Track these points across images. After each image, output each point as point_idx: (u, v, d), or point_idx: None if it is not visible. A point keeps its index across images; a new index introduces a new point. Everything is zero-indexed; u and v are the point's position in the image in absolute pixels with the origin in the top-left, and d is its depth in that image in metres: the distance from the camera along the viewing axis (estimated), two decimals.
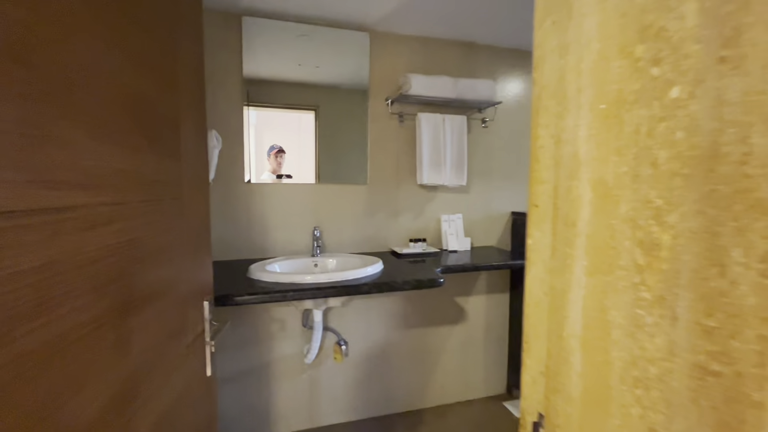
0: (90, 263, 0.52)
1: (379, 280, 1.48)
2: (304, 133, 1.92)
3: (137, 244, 0.64)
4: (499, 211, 2.29)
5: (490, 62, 2.18)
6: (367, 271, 1.53)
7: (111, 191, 0.57)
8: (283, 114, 1.89)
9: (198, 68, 0.93)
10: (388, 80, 1.99)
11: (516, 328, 2.28)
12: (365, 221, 2.00)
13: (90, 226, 0.52)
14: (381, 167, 2.01)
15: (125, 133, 0.61)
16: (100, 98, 0.55)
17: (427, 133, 1.97)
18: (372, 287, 1.40)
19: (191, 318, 0.86)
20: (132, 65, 0.63)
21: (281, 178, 1.86)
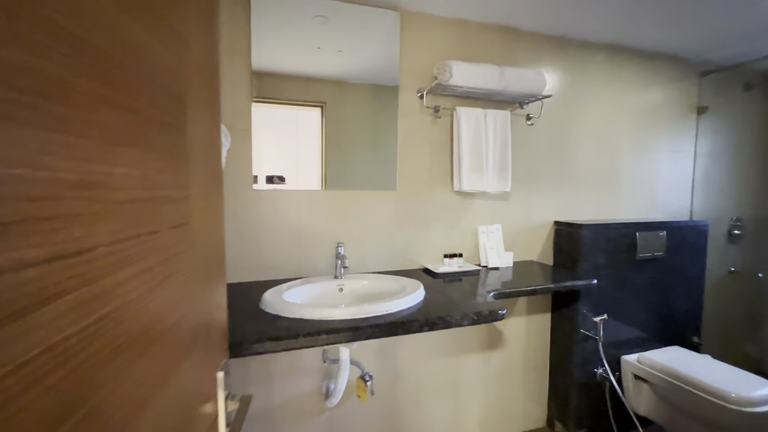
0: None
1: (425, 311, 1.18)
2: (317, 131, 1.61)
3: (111, 326, 0.34)
4: (541, 221, 2.01)
5: (534, 51, 1.90)
6: (409, 301, 1.23)
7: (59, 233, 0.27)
8: (292, 111, 1.58)
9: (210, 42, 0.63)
10: (421, 69, 1.70)
11: (557, 354, 2.00)
12: (394, 233, 1.71)
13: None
14: (412, 170, 1.72)
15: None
16: None
17: (468, 131, 1.68)
18: (423, 324, 1.11)
19: (196, 409, 0.56)
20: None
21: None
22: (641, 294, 2.05)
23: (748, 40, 2.08)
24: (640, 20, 1.83)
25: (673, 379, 1.77)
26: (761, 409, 1.54)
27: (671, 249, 2.09)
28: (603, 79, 2.08)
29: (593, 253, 1.89)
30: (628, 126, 2.17)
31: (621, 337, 2.02)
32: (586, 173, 2.09)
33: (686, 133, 2.36)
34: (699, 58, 2.32)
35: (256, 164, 1.50)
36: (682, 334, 2.21)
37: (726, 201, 2.54)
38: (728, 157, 2.52)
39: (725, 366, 1.83)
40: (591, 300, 1.91)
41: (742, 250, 2.62)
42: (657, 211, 2.32)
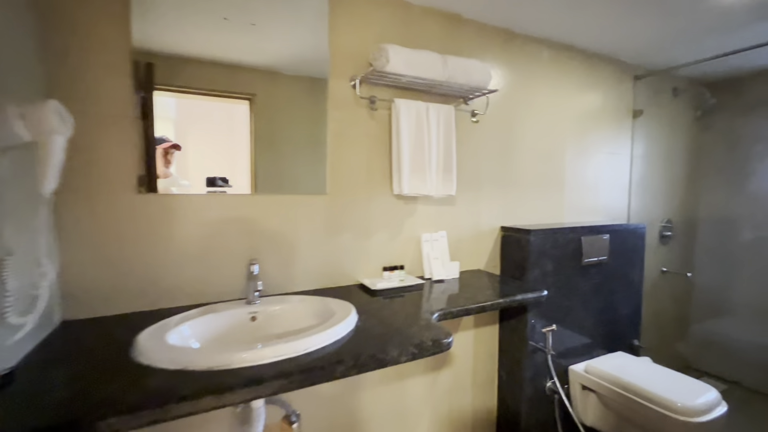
0: None
1: (354, 346, 0.95)
2: (235, 128, 1.33)
3: None
4: (488, 227, 1.87)
5: (479, 42, 1.76)
6: (335, 333, 0.98)
7: None
8: (208, 103, 1.29)
9: None
10: (355, 54, 1.46)
11: (506, 368, 1.87)
12: (325, 245, 1.46)
13: None
14: (346, 171, 1.48)
15: None
16: None
17: (408, 126, 1.48)
18: (351, 367, 0.87)
19: None
20: None
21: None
22: (588, 300, 1.99)
23: (674, 46, 2.11)
24: (581, 18, 1.75)
25: (618, 389, 1.70)
26: (706, 419, 1.50)
27: (613, 253, 2.05)
28: (548, 78, 2.00)
29: (541, 260, 1.79)
30: (572, 127, 2.12)
31: (569, 346, 1.94)
32: (532, 175, 1.99)
33: (623, 136, 2.38)
34: (633, 61, 2.34)
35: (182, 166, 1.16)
36: (625, 338, 2.20)
37: (658, 203, 2.60)
38: (660, 161, 2.59)
39: (666, 371, 1.80)
40: (540, 310, 1.80)
41: (672, 250, 2.71)
42: (599, 214, 2.30)
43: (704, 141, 2.81)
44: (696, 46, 2.09)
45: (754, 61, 2.33)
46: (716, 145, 2.76)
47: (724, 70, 2.50)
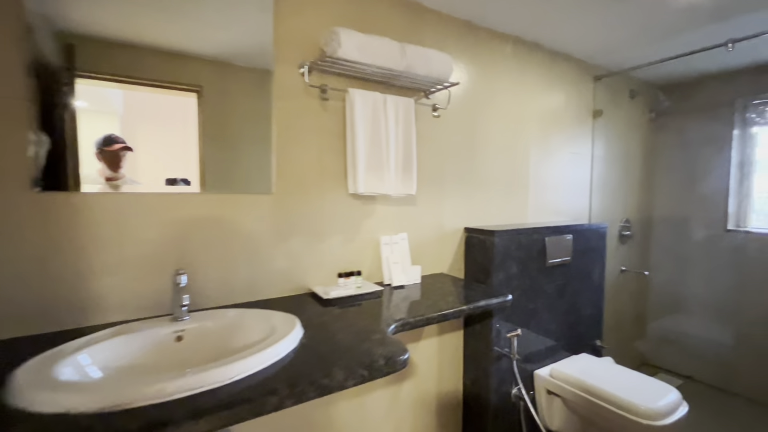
0: None
1: (293, 370, 0.81)
2: (183, 122, 1.17)
3: None
4: (451, 228, 1.78)
5: (441, 33, 1.66)
6: (272, 354, 0.84)
7: None
8: (155, 96, 1.13)
9: None
10: (305, 38, 1.32)
11: (471, 376, 1.78)
12: (272, 250, 1.30)
13: None
14: (296, 168, 1.33)
15: None
16: None
17: (364, 119, 1.35)
18: (286, 396, 0.73)
19: None
20: None
21: (117, 184, 1.07)
22: (552, 302, 1.95)
23: (630, 47, 2.13)
24: (543, 15, 1.71)
25: (583, 393, 1.66)
26: (669, 421, 1.48)
27: (577, 253, 2.03)
28: (512, 75, 1.94)
29: (506, 262, 1.72)
30: (536, 125, 2.08)
31: (535, 350, 1.89)
32: (496, 174, 1.92)
33: (584, 136, 2.38)
34: (593, 62, 2.34)
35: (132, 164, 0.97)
36: (588, 338, 2.18)
37: (617, 203, 2.63)
38: (619, 161, 2.62)
39: (628, 372, 1.78)
40: (505, 314, 1.73)
41: (630, 250, 2.76)
42: (562, 214, 2.28)
43: (659, 142, 2.89)
44: (649, 49, 2.11)
45: (703, 64, 2.40)
46: (670, 147, 2.84)
47: (676, 72, 2.56)
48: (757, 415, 2.30)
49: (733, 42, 1.79)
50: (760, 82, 2.39)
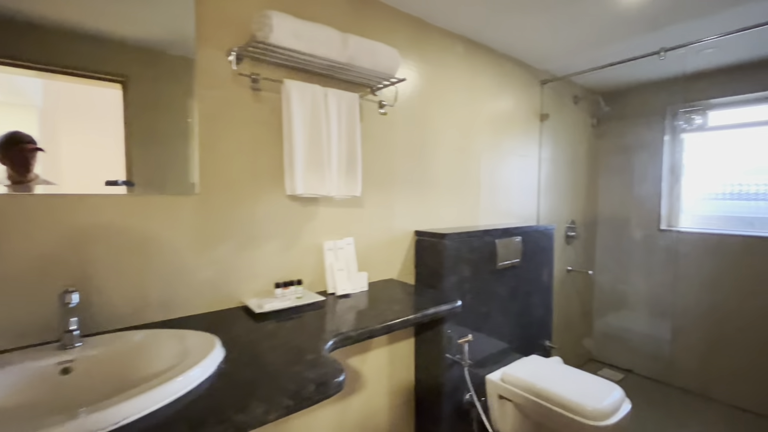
0: None
1: (207, 400, 0.68)
2: (108, 116, 1.01)
3: None
4: (401, 231, 1.70)
5: (389, 28, 1.59)
6: (181, 385, 0.70)
7: None
8: (77, 86, 0.97)
9: None
10: (234, 20, 1.18)
11: (423, 385, 1.71)
12: (195, 259, 1.14)
13: None
14: (225, 166, 1.19)
15: None
16: None
17: (302, 113, 1.23)
18: None
19: None
20: None
21: (23, 184, 0.88)
22: (504, 305, 1.93)
23: (572, 54, 2.18)
24: (491, 18, 1.68)
25: (532, 396, 1.64)
26: (614, 420, 1.49)
27: (526, 255, 2.03)
28: (463, 76, 1.91)
29: (458, 266, 1.67)
30: (486, 127, 2.06)
31: (487, 354, 1.86)
32: (447, 176, 1.87)
33: (532, 139, 2.41)
34: (540, 66, 2.38)
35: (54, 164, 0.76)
36: (538, 339, 2.20)
37: (563, 205, 2.70)
38: (564, 164, 2.69)
39: (575, 372, 1.80)
40: (457, 319, 1.68)
41: (576, 250, 2.84)
42: (513, 216, 2.29)
43: (601, 146, 3.01)
44: (589, 55, 2.18)
45: (639, 73, 2.53)
46: (611, 151, 2.97)
47: (615, 80, 2.68)
48: (690, 404, 2.44)
49: (665, 51, 1.87)
50: (688, 91, 2.55)
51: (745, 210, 2.48)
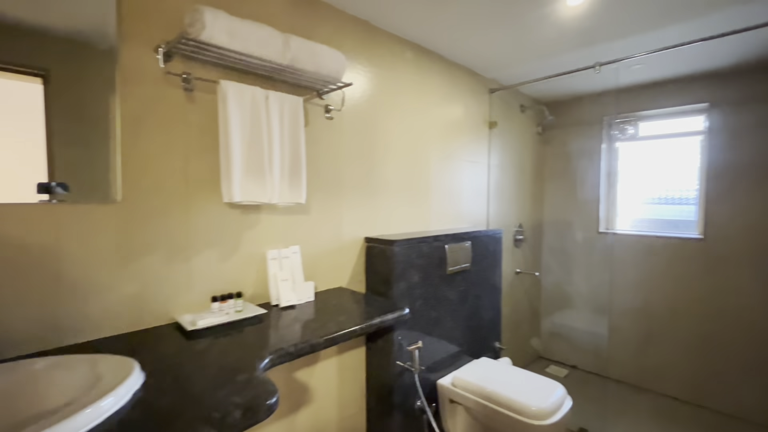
0: None
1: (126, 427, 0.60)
2: (28, 114, 0.90)
3: None
4: (351, 239, 1.67)
5: (336, 30, 1.55)
6: (95, 415, 0.62)
7: None
8: None
9: None
10: (161, 15, 1.10)
11: (375, 394, 1.69)
12: (115, 272, 1.04)
13: None
14: (152, 171, 1.09)
15: None
16: None
17: (240, 116, 1.17)
18: None
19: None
20: None
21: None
22: (454, 309, 1.96)
23: (518, 65, 2.27)
24: (438, 25, 1.71)
25: (481, 399, 1.67)
26: (557, 417, 1.55)
27: (476, 259, 2.07)
28: (413, 82, 1.91)
29: (408, 272, 1.66)
30: (436, 133, 2.08)
31: (438, 359, 1.87)
32: (398, 182, 1.87)
33: (482, 145, 2.47)
34: (488, 75, 2.45)
35: None
36: (488, 341, 2.24)
37: (511, 209, 2.80)
38: (512, 170, 2.79)
39: (522, 373, 1.85)
40: (408, 325, 1.67)
41: (523, 252, 2.95)
42: (463, 221, 2.33)
43: (546, 153, 3.16)
44: (532, 67, 2.28)
45: (578, 85, 2.68)
46: (555, 157, 3.13)
47: (557, 91, 2.83)
48: (626, 395, 2.61)
49: (600, 65, 1.99)
50: (620, 103, 2.75)
51: (671, 214, 2.70)
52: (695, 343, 2.47)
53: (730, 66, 2.25)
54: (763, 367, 2.23)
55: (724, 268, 2.36)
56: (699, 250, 2.45)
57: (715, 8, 1.59)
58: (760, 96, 2.23)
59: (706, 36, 1.67)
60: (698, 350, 2.46)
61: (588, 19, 1.70)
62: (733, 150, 2.33)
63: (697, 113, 2.52)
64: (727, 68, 2.29)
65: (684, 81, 2.48)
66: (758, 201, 2.25)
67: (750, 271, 2.28)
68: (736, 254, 2.32)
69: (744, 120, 2.28)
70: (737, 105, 2.31)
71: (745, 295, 2.29)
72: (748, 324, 2.28)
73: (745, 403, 2.30)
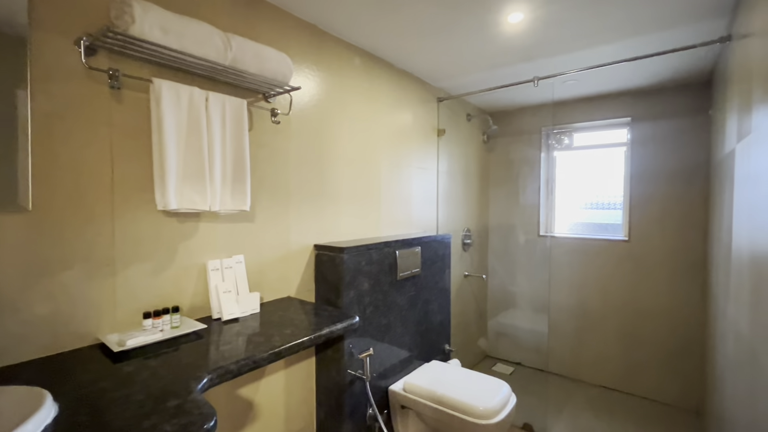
0: None
1: None
2: None
3: None
4: (300, 246, 1.62)
5: (280, 32, 1.51)
6: None
7: None
8: None
9: None
10: (84, 3, 1.00)
11: (325, 406, 1.64)
12: (25, 291, 0.91)
13: None
14: (70, 178, 0.98)
15: None
16: None
17: (175, 117, 1.09)
18: None
19: None
20: None
21: None
22: (405, 315, 1.97)
23: (462, 75, 2.36)
24: (385, 32, 1.72)
25: (431, 402, 1.69)
26: (502, 415, 1.61)
27: (425, 264, 2.11)
28: (362, 88, 1.91)
29: (357, 279, 1.64)
30: (386, 140, 2.10)
31: (389, 365, 1.86)
32: (348, 188, 1.85)
33: (431, 152, 2.53)
34: (436, 84, 2.52)
35: None
36: (438, 344, 2.29)
37: (459, 214, 2.89)
38: (460, 176, 2.89)
39: (469, 374, 1.91)
40: (358, 333, 1.65)
41: (471, 256, 3.06)
42: (414, 226, 2.36)
43: (491, 160, 3.31)
44: (476, 78, 2.38)
45: (519, 97, 2.84)
46: (498, 165, 3.28)
47: (501, 102, 2.98)
48: (565, 387, 2.78)
49: (538, 79, 2.13)
50: (557, 115, 2.95)
51: (602, 218, 2.94)
52: (622, 337, 2.70)
53: (650, 85, 2.51)
54: (679, 356, 2.49)
55: (645, 267, 2.61)
56: (624, 251, 2.69)
57: (638, 33, 1.76)
58: (672, 111, 2.51)
59: (629, 57, 1.84)
60: (625, 343, 2.69)
61: (528, 36, 1.80)
62: (651, 159, 2.59)
63: (622, 126, 2.77)
64: (647, 87, 2.54)
65: (611, 97, 2.73)
66: (672, 205, 2.52)
67: (666, 270, 2.54)
68: (654, 254, 2.58)
69: (660, 132, 2.55)
70: (654, 119, 2.57)
71: (663, 291, 2.55)
72: (665, 317, 2.54)
73: (665, 388, 2.55)
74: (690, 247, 2.45)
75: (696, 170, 2.42)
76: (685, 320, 2.46)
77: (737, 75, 1.46)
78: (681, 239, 2.48)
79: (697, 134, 2.41)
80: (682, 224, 2.48)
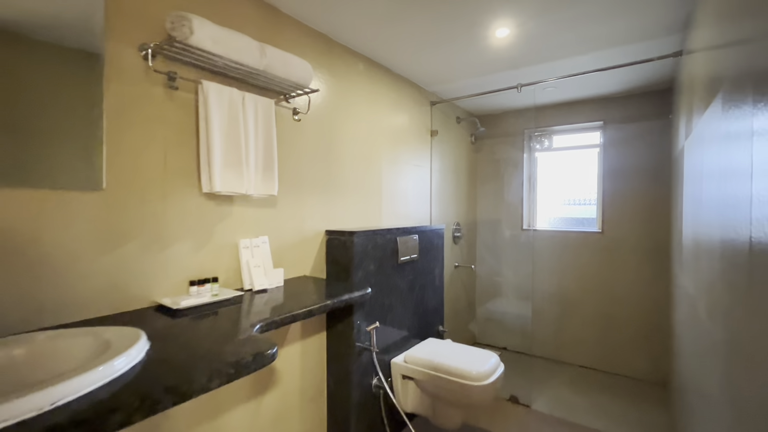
0: None
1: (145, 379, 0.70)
2: None
3: None
4: (313, 231, 1.81)
5: (298, 41, 1.71)
6: (111, 369, 0.71)
7: None
8: None
9: None
10: (147, 15, 1.18)
11: (335, 375, 1.84)
12: (100, 258, 1.09)
13: None
14: (135, 163, 1.16)
15: None
16: None
17: (220, 114, 1.28)
18: (134, 410, 0.63)
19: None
20: None
21: None
22: (404, 296, 2.18)
23: (453, 81, 2.61)
24: (386, 41, 1.94)
25: (430, 370, 1.90)
26: (493, 378, 1.83)
27: (422, 251, 2.33)
28: (365, 91, 2.12)
29: (365, 261, 1.84)
30: (386, 139, 2.31)
31: (391, 341, 2.07)
32: (353, 181, 2.06)
33: (425, 151, 2.76)
34: (429, 89, 2.76)
35: None
36: (433, 325, 2.50)
37: (450, 209, 3.13)
38: (450, 174, 3.13)
39: (463, 347, 2.13)
40: (364, 310, 1.85)
41: (461, 248, 3.29)
42: (409, 218, 2.58)
43: (478, 160, 3.57)
44: (465, 84, 2.63)
45: (504, 102, 3.11)
46: (485, 164, 3.54)
47: (487, 106, 3.24)
48: (548, 368, 3.03)
49: (521, 86, 2.38)
50: (538, 119, 3.23)
51: (579, 213, 3.22)
52: (599, 320, 2.97)
53: (620, 91, 2.80)
54: (649, 334, 2.78)
55: (617, 256, 2.90)
56: (598, 242, 2.97)
57: (610, 46, 2.03)
58: (640, 115, 2.81)
59: (601, 67, 2.11)
60: (601, 325, 2.96)
61: (513, 48, 2.05)
62: (621, 159, 2.88)
63: (595, 129, 3.07)
64: (617, 93, 2.84)
65: (586, 102, 3.02)
66: (640, 200, 2.81)
67: (636, 257, 2.82)
68: (625, 244, 2.87)
69: (629, 134, 2.85)
70: (624, 122, 2.87)
71: (633, 277, 2.83)
72: (636, 300, 2.82)
73: (636, 365, 2.83)
74: (656, 236, 2.74)
75: (660, 168, 2.72)
76: (654, 302, 2.75)
77: (686, 84, 1.74)
78: (648, 229, 2.78)
79: (660, 136, 2.72)
80: (649, 216, 2.77)
